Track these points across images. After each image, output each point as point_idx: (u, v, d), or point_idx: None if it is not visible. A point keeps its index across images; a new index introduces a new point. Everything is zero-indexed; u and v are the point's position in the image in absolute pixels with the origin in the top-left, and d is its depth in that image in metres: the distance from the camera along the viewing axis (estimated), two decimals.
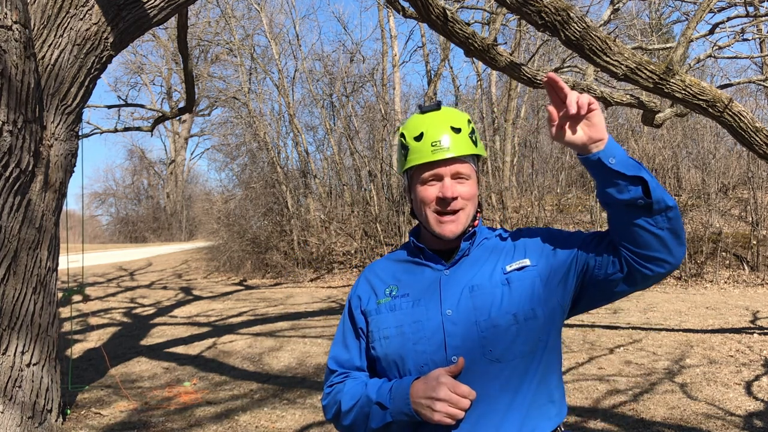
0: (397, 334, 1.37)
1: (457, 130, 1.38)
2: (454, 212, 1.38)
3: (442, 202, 1.37)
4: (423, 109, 1.44)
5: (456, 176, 1.38)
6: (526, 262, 1.38)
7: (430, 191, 1.39)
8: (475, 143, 1.41)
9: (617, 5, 6.64)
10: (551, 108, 1.24)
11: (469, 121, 1.42)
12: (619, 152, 1.22)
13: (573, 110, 1.20)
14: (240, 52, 18.76)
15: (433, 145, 1.36)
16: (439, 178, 1.38)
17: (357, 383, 1.41)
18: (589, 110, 1.21)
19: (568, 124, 1.24)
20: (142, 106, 9.92)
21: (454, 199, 1.37)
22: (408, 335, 1.36)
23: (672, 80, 4.31)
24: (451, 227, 1.38)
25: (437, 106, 1.43)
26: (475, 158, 1.44)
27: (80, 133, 4.66)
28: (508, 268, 1.37)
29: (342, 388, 1.43)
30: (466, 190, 1.39)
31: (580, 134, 1.23)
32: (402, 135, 1.44)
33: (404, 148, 1.42)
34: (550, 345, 1.37)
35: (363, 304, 1.47)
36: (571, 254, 1.36)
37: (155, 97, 37.76)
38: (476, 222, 1.46)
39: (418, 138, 1.38)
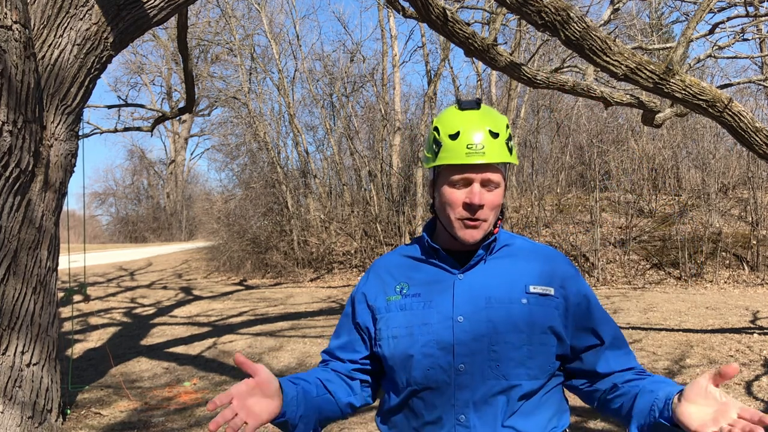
0: (406, 335, 1.34)
1: (495, 135, 1.32)
2: (478, 219, 1.34)
3: (469, 208, 1.32)
4: (462, 105, 1.37)
5: (485, 183, 1.33)
6: (551, 291, 1.35)
7: (457, 195, 1.33)
8: (510, 150, 1.35)
9: (617, 5, 6.64)
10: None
11: (507, 126, 1.36)
12: None
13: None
14: (240, 52, 18.74)
15: (468, 148, 1.30)
16: (468, 182, 1.32)
17: (311, 376, 1.40)
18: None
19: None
20: (142, 106, 9.92)
21: (481, 207, 1.32)
22: (416, 337, 1.33)
23: (672, 80, 4.31)
24: (473, 233, 1.34)
25: (477, 105, 1.36)
26: (507, 165, 1.39)
27: (80, 133, 4.66)
28: (532, 289, 1.34)
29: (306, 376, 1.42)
30: (493, 198, 1.34)
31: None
32: (436, 129, 1.36)
33: (437, 144, 1.35)
34: (558, 377, 1.38)
35: (370, 300, 1.44)
36: (576, 336, 1.38)
37: (155, 97, 37.77)
38: (496, 229, 1.41)
39: (454, 137, 1.31)
